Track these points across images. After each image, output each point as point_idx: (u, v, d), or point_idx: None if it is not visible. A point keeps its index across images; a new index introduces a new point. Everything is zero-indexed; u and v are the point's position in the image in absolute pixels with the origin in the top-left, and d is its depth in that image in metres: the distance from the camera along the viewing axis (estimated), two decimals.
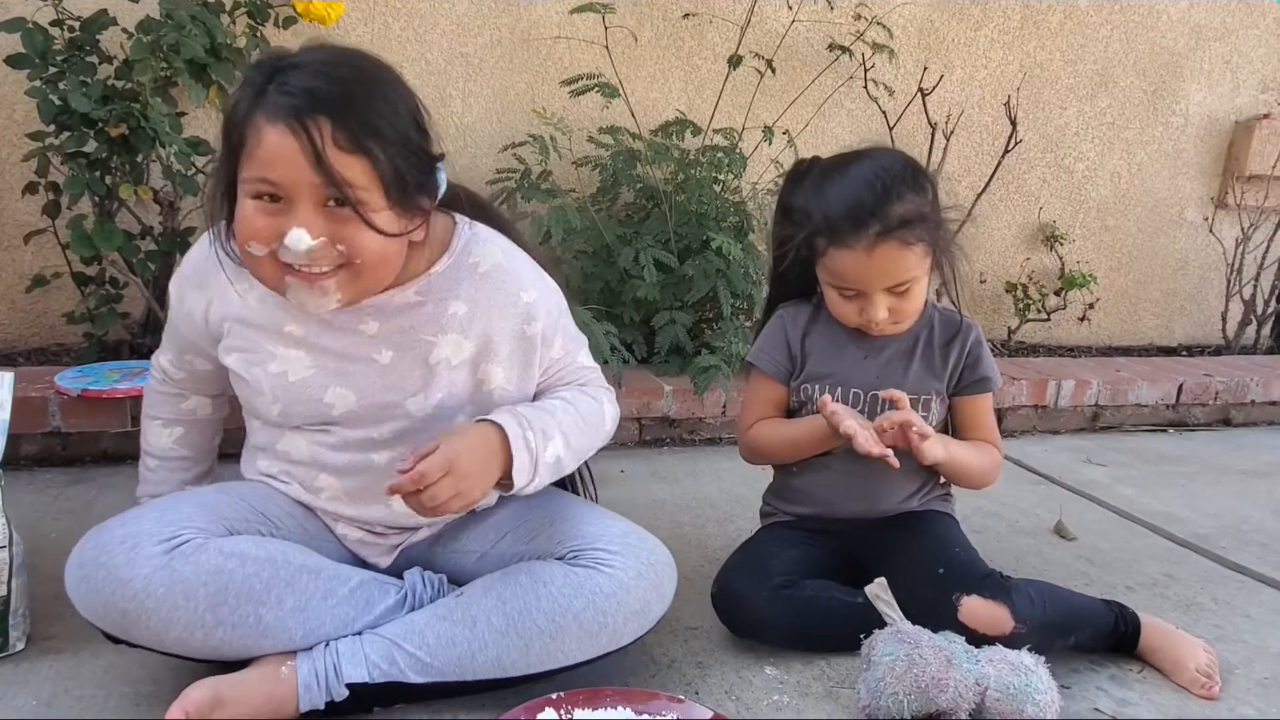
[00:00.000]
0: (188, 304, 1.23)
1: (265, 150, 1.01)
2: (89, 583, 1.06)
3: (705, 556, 1.68)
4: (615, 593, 1.14)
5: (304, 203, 1.02)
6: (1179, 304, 3.78)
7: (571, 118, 2.66)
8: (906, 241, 1.28)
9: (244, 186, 1.04)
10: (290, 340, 1.18)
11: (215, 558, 1.06)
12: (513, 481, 1.11)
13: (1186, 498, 2.24)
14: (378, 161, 1.03)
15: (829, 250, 1.32)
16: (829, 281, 1.37)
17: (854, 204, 1.29)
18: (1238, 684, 1.35)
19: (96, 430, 2.02)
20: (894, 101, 3.03)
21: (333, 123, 1.00)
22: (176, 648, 1.07)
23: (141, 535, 1.06)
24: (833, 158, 1.39)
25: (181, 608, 1.04)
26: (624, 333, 2.51)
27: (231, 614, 1.06)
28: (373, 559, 1.29)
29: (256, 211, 1.03)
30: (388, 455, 1.21)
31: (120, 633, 1.07)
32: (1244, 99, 3.64)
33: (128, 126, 2.04)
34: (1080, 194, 3.52)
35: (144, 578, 1.03)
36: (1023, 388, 2.78)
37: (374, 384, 1.19)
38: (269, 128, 1.00)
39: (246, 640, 1.08)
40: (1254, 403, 3.09)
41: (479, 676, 1.12)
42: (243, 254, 1.09)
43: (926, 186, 1.33)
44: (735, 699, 1.24)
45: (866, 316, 1.35)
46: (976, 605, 1.25)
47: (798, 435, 1.43)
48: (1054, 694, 1.17)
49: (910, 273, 1.32)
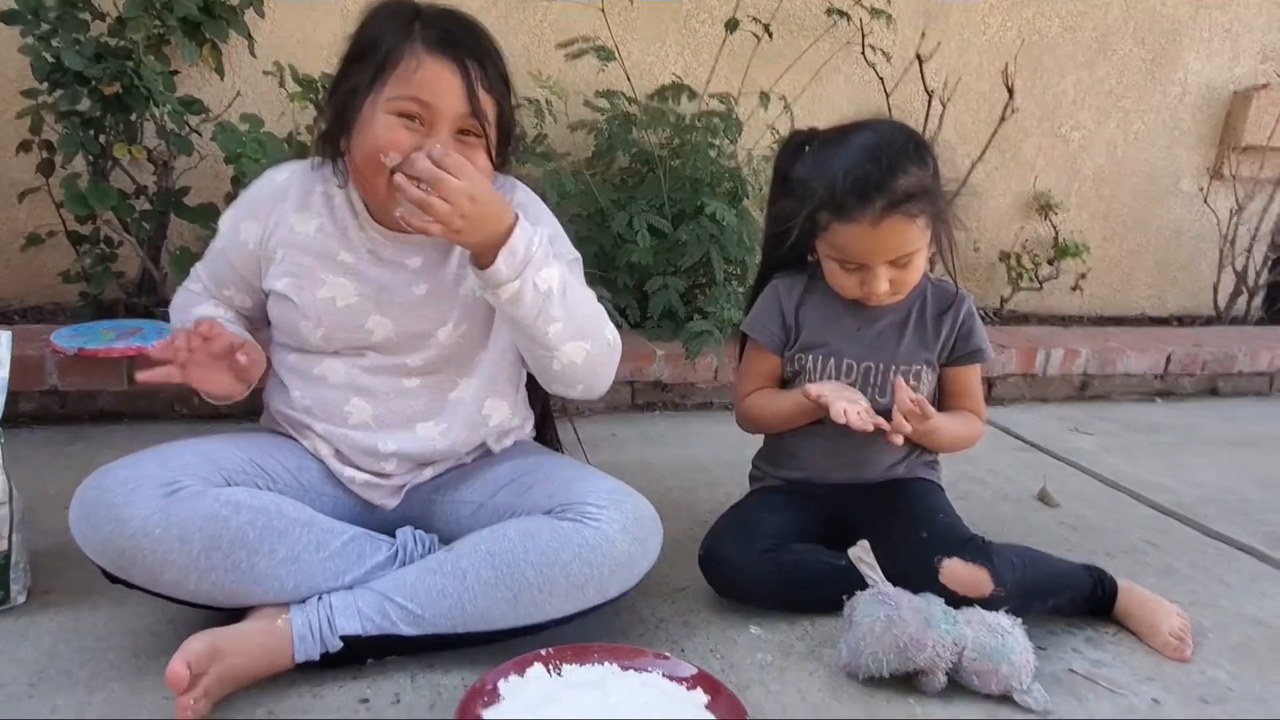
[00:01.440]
0: (242, 234, 1.29)
1: (424, 75, 1.15)
2: (90, 520, 1.10)
3: (694, 519, 1.71)
4: (601, 545, 1.17)
5: (444, 128, 1.16)
6: (1172, 274, 3.80)
7: (568, 81, 2.65)
8: (911, 215, 1.29)
9: (388, 104, 1.15)
10: (341, 268, 1.27)
11: (211, 504, 1.11)
12: (496, 262, 1.12)
13: (1172, 467, 2.28)
14: (502, 107, 1.22)
15: (832, 225, 1.33)
16: (830, 255, 1.38)
17: (859, 178, 1.28)
18: (1210, 647, 1.39)
19: (94, 389, 2.04)
20: (891, 68, 3.02)
21: (481, 67, 1.18)
22: (171, 589, 1.11)
23: (142, 479, 1.10)
24: (832, 129, 1.39)
25: (177, 550, 1.08)
26: (617, 297, 2.52)
27: (225, 559, 1.10)
28: (379, 500, 1.33)
29: (397, 126, 1.15)
30: (417, 381, 1.30)
31: (118, 571, 1.11)
32: (1243, 68, 3.62)
33: (121, 85, 2.03)
34: (1076, 163, 3.52)
35: (142, 518, 1.07)
36: (1012, 356, 2.81)
37: (410, 314, 1.28)
38: (430, 59, 1.15)
39: (239, 586, 1.12)
40: (1241, 373, 3.12)
41: (470, 629, 1.16)
42: (368, 163, 1.17)
43: (928, 159, 1.34)
44: (720, 657, 1.27)
45: (868, 289, 1.35)
46: (957, 568, 1.28)
47: (789, 411, 1.45)
48: (1029, 654, 1.20)
49: (913, 245, 1.33)
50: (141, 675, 1.13)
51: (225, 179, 2.31)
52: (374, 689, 1.14)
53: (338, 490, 1.31)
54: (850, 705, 1.18)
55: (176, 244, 2.36)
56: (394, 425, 1.31)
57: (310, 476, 1.30)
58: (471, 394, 1.34)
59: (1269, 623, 1.48)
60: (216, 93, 2.45)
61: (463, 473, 1.36)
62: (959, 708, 1.18)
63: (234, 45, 2.36)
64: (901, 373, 1.42)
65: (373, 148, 1.16)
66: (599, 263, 2.60)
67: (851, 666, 1.22)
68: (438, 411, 1.32)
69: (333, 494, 1.31)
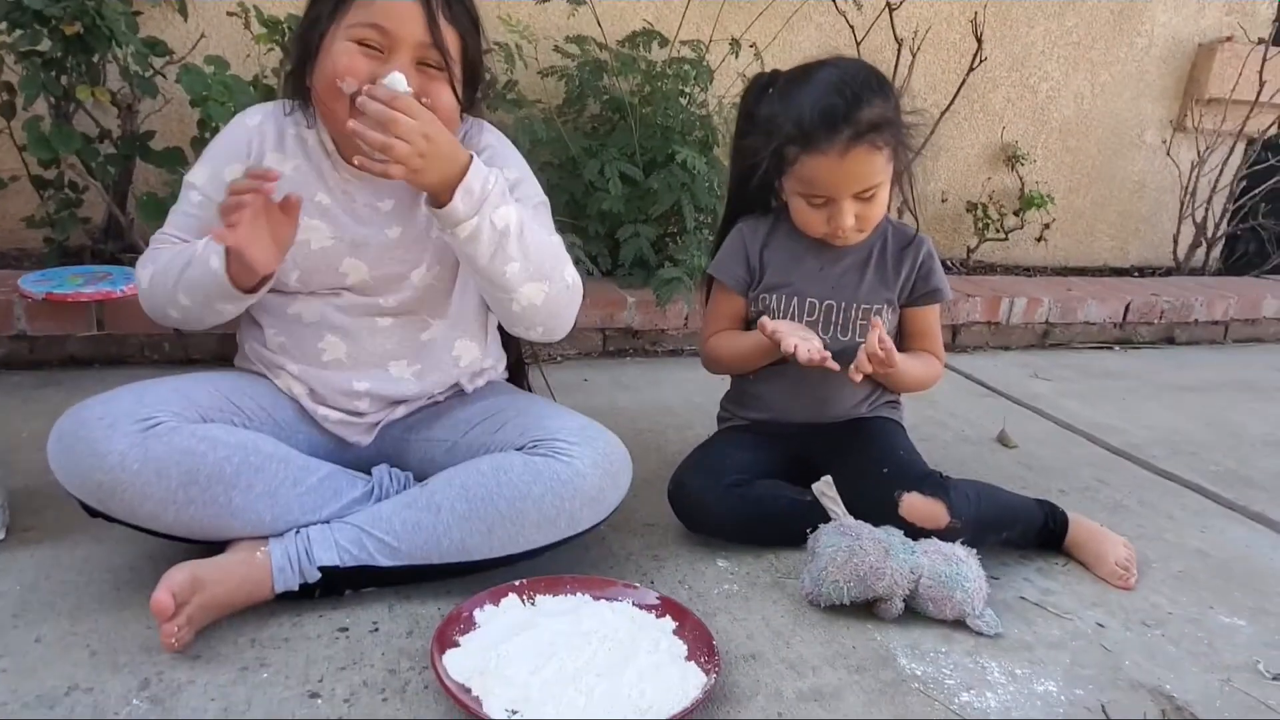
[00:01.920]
0: (225, 175, 1.27)
1: (384, 4, 1.16)
2: (69, 454, 1.11)
3: (664, 460, 1.75)
4: (572, 480, 1.21)
5: (403, 55, 1.17)
6: (1134, 226, 3.87)
7: (538, 25, 2.63)
8: (876, 145, 1.33)
9: (347, 31, 1.17)
10: (318, 210, 1.28)
11: (188, 440, 1.12)
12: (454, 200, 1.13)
13: (1125, 411, 2.35)
14: (466, 43, 1.23)
15: (800, 157, 1.35)
16: (798, 190, 1.40)
17: (826, 109, 1.32)
18: (1154, 576, 1.46)
19: (62, 334, 2.03)
20: (862, 16, 3.02)
21: (445, 2, 1.19)
22: (150, 522, 1.14)
23: (119, 414, 1.12)
24: (796, 69, 1.41)
25: (154, 484, 1.10)
26: (588, 245, 2.54)
27: (202, 493, 1.12)
28: (353, 438, 1.35)
29: (355, 53, 1.16)
30: (390, 321, 1.33)
31: (97, 504, 1.13)
32: (1208, 21, 3.66)
33: (82, 24, 1.99)
34: (1043, 114, 3.56)
35: (119, 453, 1.09)
36: (977, 304, 2.86)
37: (383, 256, 1.30)
38: None
39: (217, 520, 1.14)
40: (1197, 322, 3.20)
41: (445, 560, 1.19)
42: (326, 91, 1.18)
43: (890, 93, 1.37)
44: (688, 588, 1.32)
45: (835, 224, 1.38)
46: (916, 501, 1.33)
47: (748, 351, 1.49)
48: (982, 582, 1.26)
49: (878, 177, 1.36)
50: (123, 606, 1.16)
51: (191, 122, 2.28)
52: (352, 618, 1.17)
53: (312, 429, 1.33)
54: (812, 631, 1.23)
55: (142, 189, 2.33)
56: (367, 364, 1.33)
57: (285, 415, 1.31)
58: (443, 335, 1.36)
59: (1209, 553, 1.55)
60: (180, 35, 2.41)
61: (436, 411, 1.39)
62: (915, 632, 1.24)
63: None
64: (863, 311, 1.47)
65: (330, 73, 1.17)
66: (570, 210, 2.61)
67: (814, 595, 1.27)
68: (410, 351, 1.34)
69: (307, 432, 1.33)
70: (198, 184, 1.30)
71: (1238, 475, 1.94)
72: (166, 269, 1.24)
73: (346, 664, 1.09)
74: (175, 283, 1.23)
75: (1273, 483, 1.91)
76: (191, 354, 2.14)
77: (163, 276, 1.25)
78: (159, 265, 1.26)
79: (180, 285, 1.22)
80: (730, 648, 1.17)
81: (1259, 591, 1.43)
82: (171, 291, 1.24)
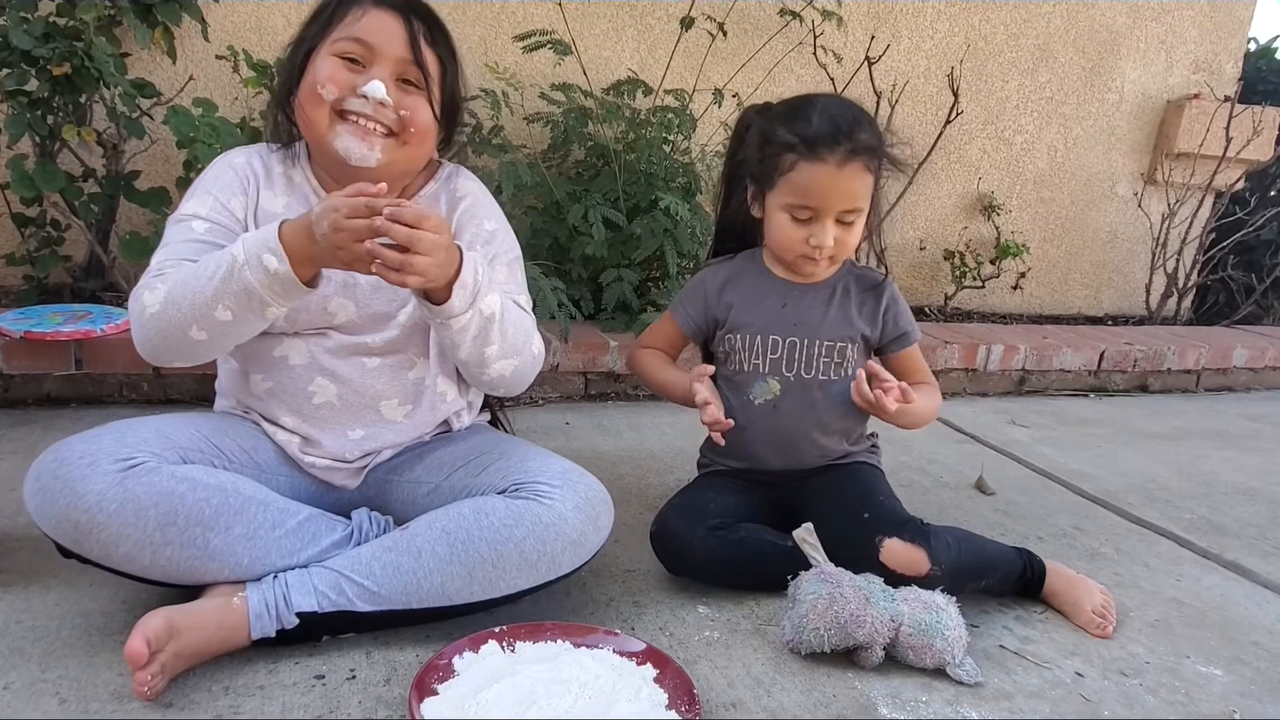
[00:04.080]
0: (232, 207, 1.28)
1: (368, 22, 1.22)
2: (45, 494, 1.10)
3: (645, 504, 1.75)
4: (554, 523, 1.20)
5: (384, 68, 1.22)
6: (1107, 275, 3.94)
7: (524, 74, 2.67)
8: (868, 167, 1.39)
9: (331, 46, 1.22)
10: None
11: (168, 481, 1.11)
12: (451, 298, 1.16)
13: (1100, 458, 2.38)
14: (445, 68, 1.29)
15: (799, 164, 1.39)
16: (786, 202, 1.43)
17: (833, 120, 1.38)
18: (1131, 625, 1.46)
19: (39, 373, 2.01)
20: (842, 69, 3.09)
21: (426, 24, 1.25)
22: (125, 564, 1.12)
23: (100, 453, 1.10)
24: (792, 98, 1.48)
25: (132, 524, 1.09)
26: (572, 289, 2.56)
27: (180, 535, 1.11)
28: (340, 482, 1.35)
29: (337, 65, 1.22)
30: (378, 361, 1.33)
31: (72, 544, 1.11)
32: (1176, 79, 3.77)
33: (70, 65, 2.00)
34: (1018, 166, 3.64)
35: (98, 493, 1.08)
36: (955, 351, 2.90)
37: (371, 296, 1.32)
38: (376, 10, 1.23)
39: (194, 563, 1.13)
40: (1170, 370, 3.25)
41: (425, 604, 1.18)
42: (308, 99, 1.22)
43: (877, 128, 1.44)
44: (669, 634, 1.31)
45: (816, 242, 1.42)
46: (897, 547, 1.34)
47: (666, 382, 1.57)
48: (962, 630, 1.26)
49: (862, 201, 1.41)
50: (95, 653, 1.14)
51: (177, 163, 2.29)
52: (329, 665, 1.15)
53: (294, 471, 1.33)
54: (793, 679, 1.23)
55: (126, 228, 2.33)
56: (358, 406, 1.33)
57: (266, 457, 1.31)
58: (430, 373, 1.37)
59: (1185, 602, 1.57)
60: (168, 77, 2.43)
61: (419, 453, 1.39)
62: (895, 681, 1.24)
63: (186, 29, 2.35)
64: (825, 348, 1.49)
65: (312, 83, 1.22)
66: (554, 254, 2.63)
67: (794, 642, 1.27)
68: (400, 391, 1.35)
69: (289, 474, 1.32)
70: (201, 213, 1.25)
71: (1211, 523, 1.96)
72: (188, 286, 1.15)
73: (323, 712, 1.07)
74: (209, 297, 1.13)
75: (1245, 531, 1.93)
76: (170, 394, 2.13)
77: (184, 294, 1.15)
78: (174, 285, 1.16)
79: (218, 297, 1.13)
80: (711, 696, 1.17)
81: (1234, 640, 1.44)
82: (200, 308, 1.14)
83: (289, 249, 1.12)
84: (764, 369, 1.50)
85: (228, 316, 1.15)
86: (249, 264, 1.12)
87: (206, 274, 1.14)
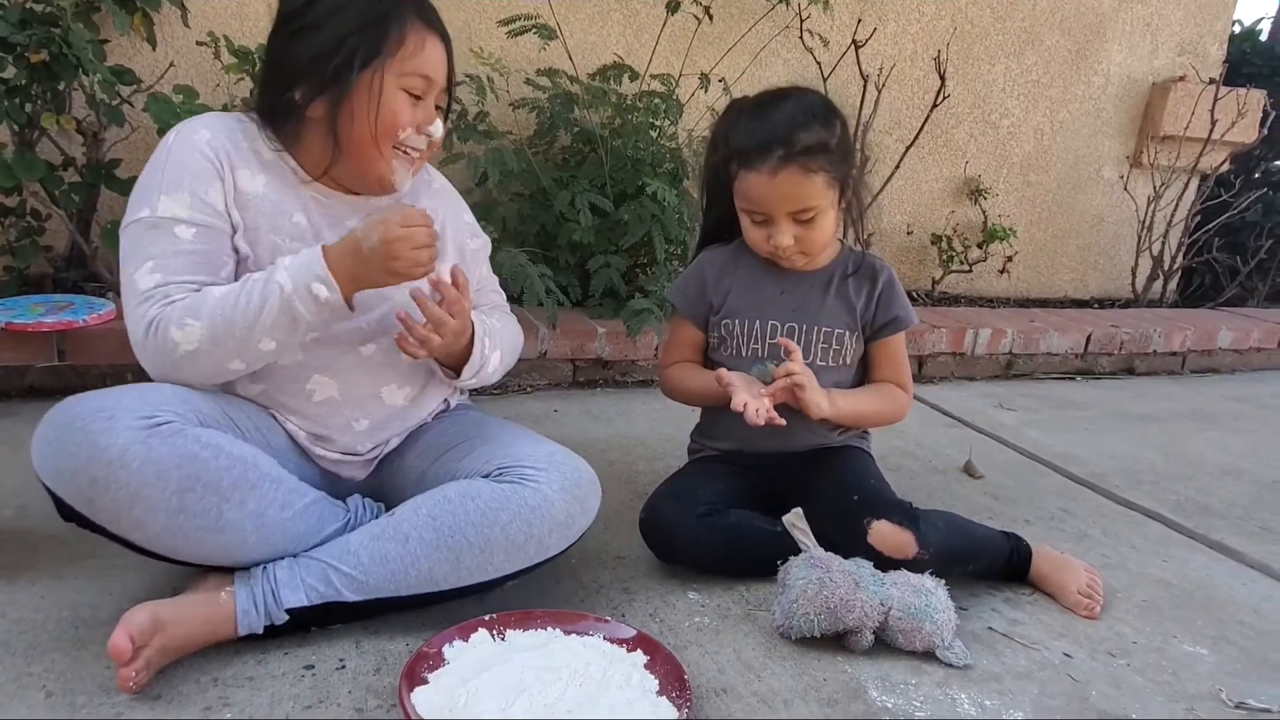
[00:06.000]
0: (211, 199, 1.20)
1: (429, 55, 1.24)
2: (61, 444, 1.04)
3: (635, 491, 1.75)
4: (539, 506, 1.20)
5: (432, 97, 1.27)
6: (1093, 259, 3.95)
7: (509, 59, 2.65)
8: (808, 169, 1.36)
9: (400, 80, 1.22)
10: (295, 231, 1.26)
11: (192, 445, 1.07)
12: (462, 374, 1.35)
13: (1087, 440, 2.39)
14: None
15: (739, 173, 1.40)
16: (742, 207, 1.44)
17: (761, 129, 1.38)
18: (1119, 606, 1.47)
19: (22, 364, 1.99)
20: (828, 53, 3.08)
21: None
22: (132, 528, 1.07)
23: (120, 408, 1.05)
24: (759, 94, 1.47)
25: (152, 485, 1.04)
26: (559, 275, 2.54)
27: (197, 502, 1.07)
28: (348, 474, 1.35)
29: (408, 104, 1.24)
30: (373, 346, 1.31)
31: (82, 503, 1.06)
32: (1161, 61, 3.77)
33: (49, 52, 1.97)
34: (1004, 149, 3.64)
35: (120, 448, 1.03)
36: (942, 336, 2.90)
37: None
38: (430, 36, 1.24)
39: (203, 534, 1.09)
40: (1155, 353, 3.27)
41: (413, 591, 1.18)
42: (384, 135, 1.23)
43: (835, 124, 1.41)
44: (659, 621, 1.31)
45: (774, 242, 1.42)
46: (885, 529, 1.34)
47: (702, 391, 1.53)
48: (950, 614, 1.27)
49: (812, 200, 1.39)
50: (82, 645, 1.13)
51: None
52: (318, 655, 1.15)
53: (304, 460, 1.31)
54: (783, 663, 1.23)
55: (107, 218, 2.31)
56: (360, 396, 1.31)
57: (279, 441, 1.28)
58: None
59: (1172, 582, 1.58)
60: (148, 63, 2.40)
61: (411, 438, 1.39)
62: (885, 664, 1.24)
63: (166, 14, 2.31)
64: (823, 334, 1.49)
65: (392, 124, 1.23)
66: (541, 241, 2.62)
67: (785, 627, 1.27)
68: (399, 374, 1.34)
69: (298, 462, 1.29)
70: (183, 215, 1.17)
71: (1197, 504, 1.97)
72: (230, 323, 1.13)
73: (312, 703, 1.07)
74: (255, 331, 1.13)
75: (1231, 511, 1.94)
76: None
77: (227, 331, 1.13)
78: (212, 321, 1.13)
79: (265, 330, 1.14)
80: (702, 681, 1.17)
81: (1219, 620, 1.45)
82: (246, 342, 1.14)
83: (335, 273, 1.15)
84: (762, 354, 1.49)
85: (271, 346, 1.17)
86: (297, 294, 1.14)
87: (251, 307, 1.13)
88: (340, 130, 1.22)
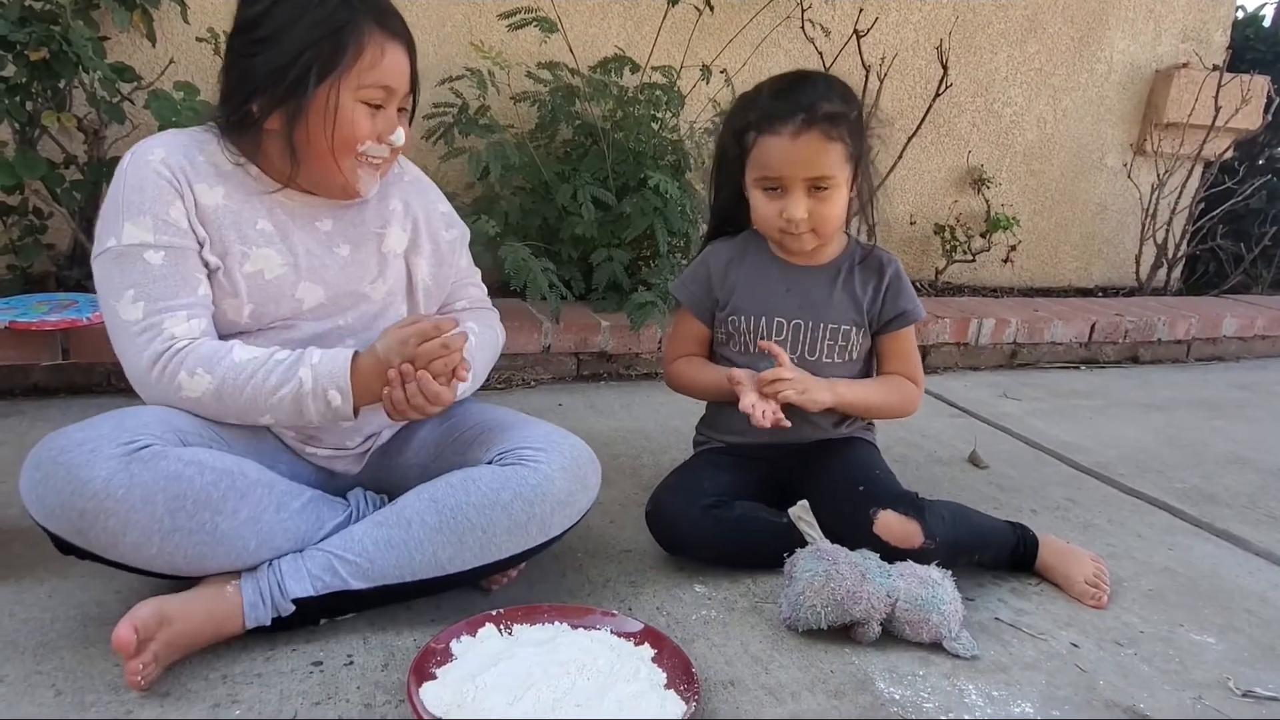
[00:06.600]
0: (173, 218, 1.18)
1: (389, 64, 1.20)
2: (47, 483, 1.05)
3: (639, 485, 1.75)
4: (540, 484, 1.21)
5: (393, 104, 1.24)
6: (1097, 247, 3.94)
7: (510, 52, 2.64)
8: (829, 135, 1.37)
9: (359, 92, 1.19)
10: (262, 237, 1.24)
11: (174, 464, 1.08)
12: None
13: (1092, 429, 2.38)
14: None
15: (758, 140, 1.40)
16: (756, 178, 1.43)
17: (783, 93, 1.40)
18: (1126, 595, 1.47)
19: (26, 363, 1.99)
20: (830, 43, 3.07)
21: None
22: (130, 553, 1.08)
23: (101, 439, 1.06)
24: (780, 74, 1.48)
25: (140, 510, 1.05)
26: (562, 269, 2.54)
27: (189, 519, 1.08)
28: (342, 469, 1.36)
29: (367, 116, 1.21)
30: (353, 342, 1.29)
31: (75, 536, 1.06)
32: (1165, 48, 3.75)
33: (48, 50, 1.97)
34: (1007, 138, 3.62)
35: (103, 479, 1.03)
36: (946, 325, 2.90)
37: (338, 276, 1.30)
38: (390, 44, 1.20)
39: (201, 549, 1.09)
40: (1160, 341, 3.26)
41: (418, 576, 1.18)
42: (343, 149, 1.21)
43: (854, 102, 1.43)
44: (666, 614, 1.31)
45: (788, 214, 1.40)
46: (891, 519, 1.34)
47: (709, 386, 1.54)
48: (957, 604, 1.27)
49: (830, 169, 1.39)
50: (90, 644, 1.13)
51: None
52: (326, 651, 1.15)
53: (295, 457, 1.32)
54: (790, 656, 1.23)
55: None
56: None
57: (267, 444, 1.29)
58: None
59: (1178, 571, 1.58)
60: (148, 60, 2.39)
61: (407, 434, 1.39)
62: (892, 656, 1.24)
63: (166, 11, 2.31)
64: (829, 331, 1.49)
65: (351, 138, 1.20)
66: (543, 235, 2.62)
67: (791, 620, 1.27)
68: None
69: (290, 461, 1.30)
70: (148, 240, 1.16)
71: (1203, 493, 1.97)
72: (242, 393, 1.17)
73: (321, 699, 1.07)
74: (262, 406, 1.18)
75: (1236, 500, 1.94)
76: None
77: (237, 398, 1.17)
78: (226, 384, 1.16)
79: (271, 408, 1.18)
80: (709, 674, 1.17)
81: (1226, 609, 1.45)
82: (250, 412, 1.18)
83: (357, 386, 1.18)
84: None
85: (269, 420, 1.22)
86: (313, 394, 1.18)
87: (266, 386, 1.17)
88: (297, 144, 1.20)
